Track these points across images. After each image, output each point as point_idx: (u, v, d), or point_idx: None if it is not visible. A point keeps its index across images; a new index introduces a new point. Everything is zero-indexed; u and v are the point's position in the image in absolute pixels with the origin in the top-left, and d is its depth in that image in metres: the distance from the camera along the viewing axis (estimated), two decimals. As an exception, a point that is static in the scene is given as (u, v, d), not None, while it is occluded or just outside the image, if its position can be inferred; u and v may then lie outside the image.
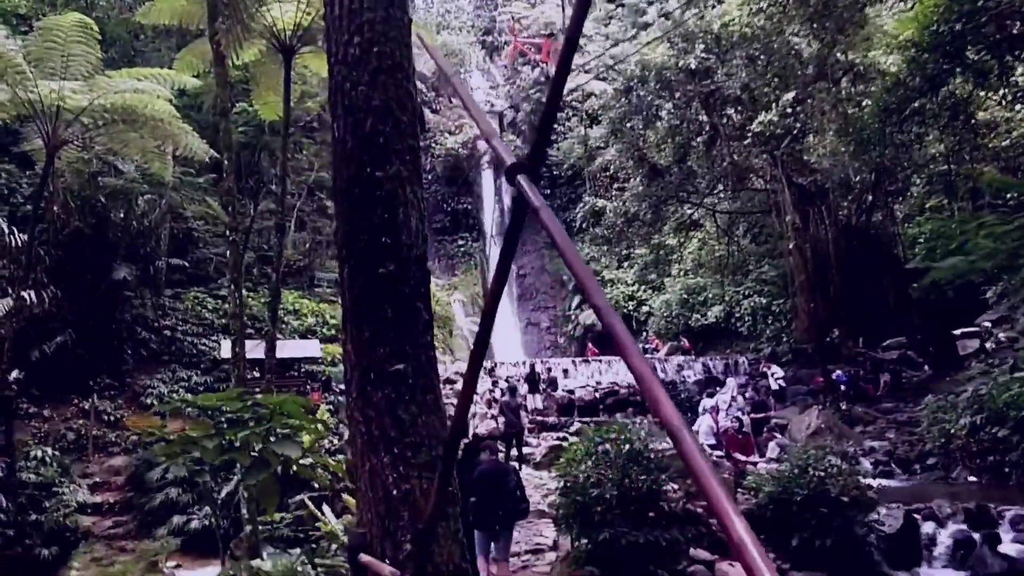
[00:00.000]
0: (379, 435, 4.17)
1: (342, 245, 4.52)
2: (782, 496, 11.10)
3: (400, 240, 4.40)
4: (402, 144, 4.52)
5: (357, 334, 4.33)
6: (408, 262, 4.41)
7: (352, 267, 4.41)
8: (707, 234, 34.75)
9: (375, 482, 4.15)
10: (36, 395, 20.00)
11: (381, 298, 4.32)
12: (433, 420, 4.31)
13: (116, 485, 18.59)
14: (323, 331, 26.07)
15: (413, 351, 4.32)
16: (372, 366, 4.23)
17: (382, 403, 4.19)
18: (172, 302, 24.84)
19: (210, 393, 10.64)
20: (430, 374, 4.42)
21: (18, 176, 23.69)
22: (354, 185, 4.44)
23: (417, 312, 4.42)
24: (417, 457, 4.16)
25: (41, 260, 20.28)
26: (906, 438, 19.68)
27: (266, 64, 18.29)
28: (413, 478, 4.10)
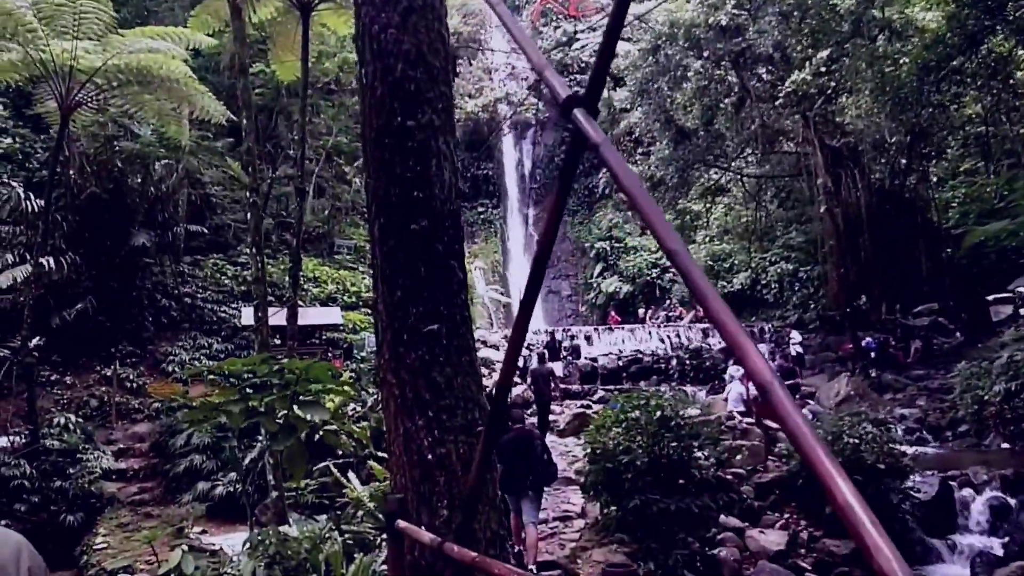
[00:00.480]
0: (413, 398, 4.00)
1: (372, 200, 4.25)
2: (814, 464, 10.73)
3: (433, 194, 4.13)
4: (434, 91, 4.22)
5: (389, 293, 4.10)
6: (441, 217, 4.16)
7: (383, 223, 4.15)
8: (733, 199, 34.04)
9: (409, 446, 3.98)
10: (58, 362, 19.94)
11: (413, 256, 4.07)
12: (468, 382, 4.13)
13: (140, 451, 18.52)
14: (344, 299, 25.85)
15: (447, 311, 4.10)
16: (405, 327, 4.04)
17: (416, 365, 4.00)
18: (191, 269, 24.68)
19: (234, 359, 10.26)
20: (465, 335, 4.22)
21: (33, 140, 23.45)
22: (384, 135, 4.13)
23: (451, 270, 4.19)
24: (453, 420, 4.00)
25: (59, 226, 20.10)
26: (937, 405, 19.34)
27: (283, 22, 17.81)
28: (449, 442, 3.96)
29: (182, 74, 17.93)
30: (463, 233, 4.34)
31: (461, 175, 26.90)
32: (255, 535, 7.52)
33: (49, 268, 18.68)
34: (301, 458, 7.10)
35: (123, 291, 21.44)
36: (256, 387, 7.15)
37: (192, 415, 7.33)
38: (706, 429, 10.57)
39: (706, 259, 35.86)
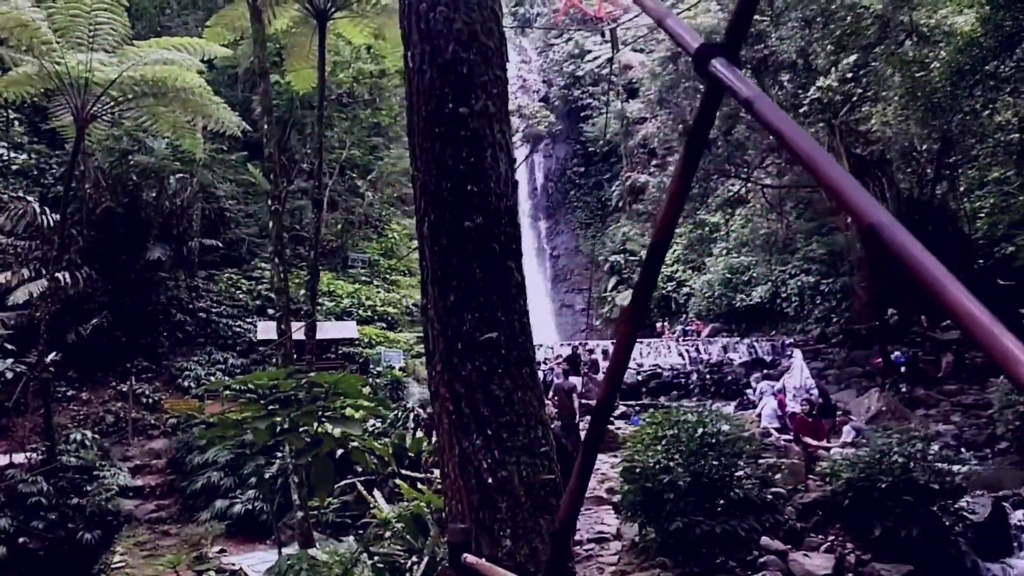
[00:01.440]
0: (470, 414, 3.60)
1: (420, 195, 3.85)
2: (862, 483, 10.27)
3: (488, 188, 3.75)
4: (488, 74, 3.84)
5: (441, 297, 3.71)
6: (498, 214, 3.77)
7: (434, 220, 3.76)
8: (752, 211, 33.48)
9: (467, 468, 3.58)
10: (73, 378, 19.69)
11: (468, 256, 3.68)
12: (530, 397, 3.72)
13: (157, 468, 18.18)
14: (359, 312, 25.50)
15: (505, 317, 3.70)
16: (460, 334, 3.65)
17: (472, 377, 3.61)
18: (206, 283, 24.42)
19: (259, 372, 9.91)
20: (525, 344, 3.81)
21: (48, 156, 23.32)
22: (434, 123, 3.75)
23: (508, 272, 3.80)
24: (514, 439, 3.59)
25: (74, 240, 19.91)
26: (973, 421, 18.80)
27: (298, 32, 17.61)
28: (510, 464, 3.56)
29: (197, 85, 17.72)
30: (519, 230, 3.96)
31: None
32: (284, 559, 7.12)
33: (65, 283, 18.49)
34: (328, 476, 6.72)
35: (138, 306, 21.19)
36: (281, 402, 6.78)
37: (215, 432, 6.91)
38: (747, 447, 10.11)
39: (724, 272, 35.12)
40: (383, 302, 26.61)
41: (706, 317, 34.85)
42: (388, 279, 29.99)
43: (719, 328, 33.54)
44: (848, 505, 10.33)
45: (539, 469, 3.57)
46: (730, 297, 34.18)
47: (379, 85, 26.31)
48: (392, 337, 24.95)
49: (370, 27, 18.13)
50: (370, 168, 29.64)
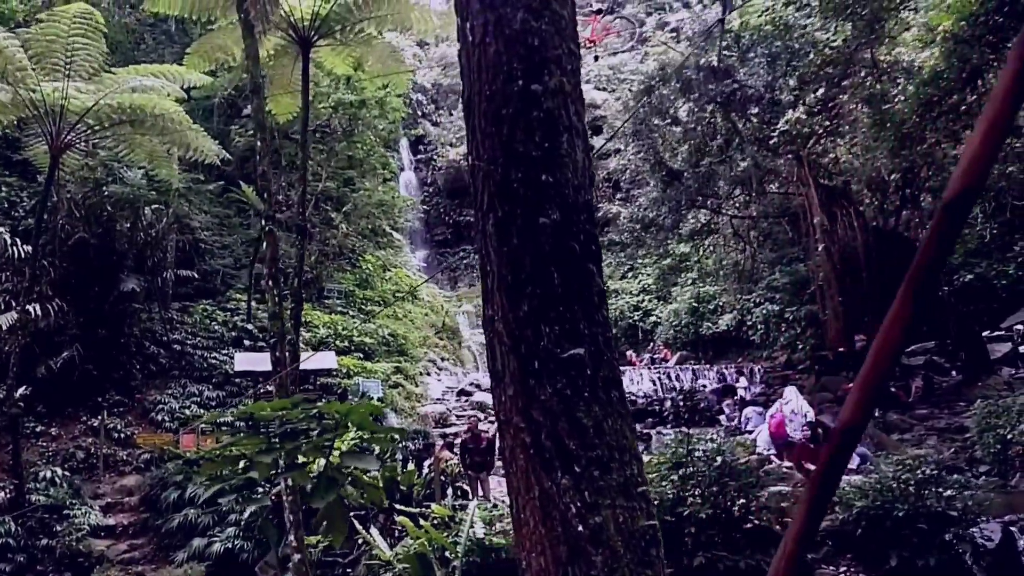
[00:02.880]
0: (553, 447, 3.07)
1: (482, 187, 3.41)
2: (875, 511, 10.06)
3: (565, 178, 3.33)
4: (562, 47, 3.45)
5: (511, 307, 3.23)
6: (575, 208, 3.34)
7: (502, 216, 3.30)
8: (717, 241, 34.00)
9: (551, 513, 3.05)
10: (43, 412, 18.90)
11: (544, 257, 3.22)
12: (622, 426, 3.22)
13: (130, 506, 17.47)
14: (336, 343, 25.07)
15: (589, 330, 3.22)
16: (536, 351, 3.14)
17: (554, 402, 3.10)
18: (180, 315, 23.80)
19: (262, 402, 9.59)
20: (611, 362, 3.30)
21: (19, 189, 22.72)
22: (501, 104, 3.35)
23: (590, 276, 3.33)
24: (607, 478, 3.08)
25: (46, 272, 19.27)
26: (950, 445, 18.86)
27: (280, 60, 17.42)
28: (605, 507, 3.04)
29: (176, 113, 17.44)
30: (596, 229, 3.53)
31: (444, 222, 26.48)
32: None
33: (35, 315, 17.86)
34: (342, 517, 6.37)
35: (111, 338, 20.52)
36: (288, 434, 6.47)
37: (211, 468, 6.51)
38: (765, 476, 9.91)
39: (691, 301, 35.84)
40: (360, 332, 26.22)
41: (673, 345, 35.22)
42: (364, 309, 29.62)
43: (687, 356, 33.97)
44: (861, 535, 10.06)
45: (637, 513, 3.10)
46: (697, 325, 34.91)
47: (357, 116, 26.15)
48: (370, 367, 24.52)
49: (352, 56, 18.04)
50: (344, 200, 29.41)
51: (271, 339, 10.29)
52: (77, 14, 15.91)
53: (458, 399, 26.37)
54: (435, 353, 31.53)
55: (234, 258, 27.43)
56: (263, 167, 10.69)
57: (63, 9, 16.23)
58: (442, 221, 48.64)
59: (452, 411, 24.58)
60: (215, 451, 14.72)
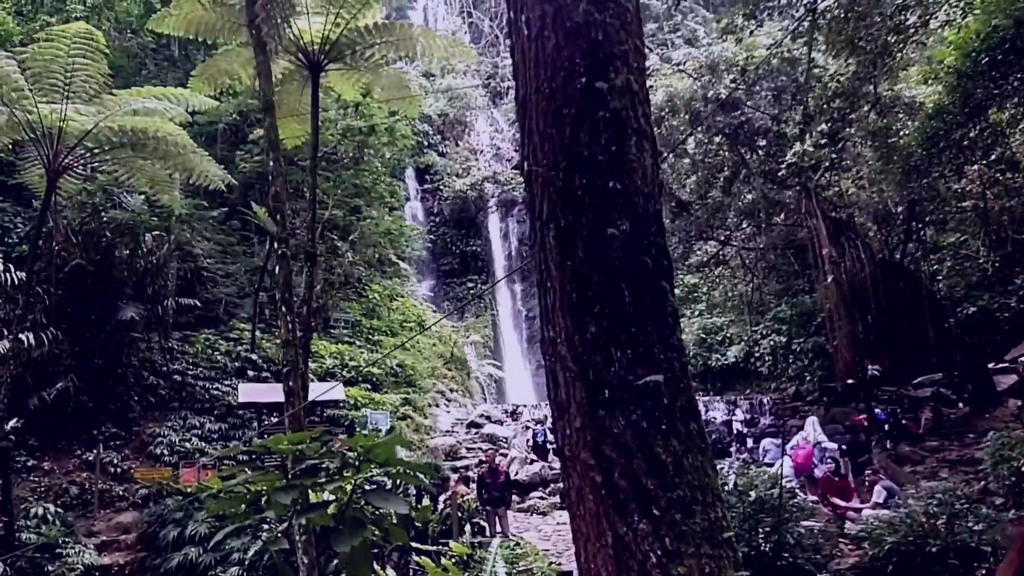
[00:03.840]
0: (627, 487, 2.68)
1: (541, 194, 3.06)
2: (907, 547, 9.60)
3: (634, 185, 2.96)
4: (628, 43, 3.11)
5: (576, 328, 2.86)
6: (645, 218, 2.97)
7: (565, 227, 2.95)
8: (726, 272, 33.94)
9: (626, 563, 2.64)
10: (35, 446, 18.28)
11: (613, 273, 2.86)
12: (702, 462, 2.82)
13: (126, 544, 16.78)
14: (342, 373, 24.53)
15: (664, 355, 2.83)
16: (606, 378, 2.77)
17: (628, 436, 2.72)
18: (181, 345, 23.27)
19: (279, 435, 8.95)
20: (689, 390, 2.92)
21: (13, 215, 22.33)
22: (562, 103, 3.01)
23: (663, 294, 2.94)
24: (690, 521, 2.67)
25: (40, 299, 18.81)
26: (963, 478, 18.56)
27: (287, 85, 17.09)
28: (688, 556, 2.62)
29: (179, 136, 17.06)
30: (666, 242, 3.14)
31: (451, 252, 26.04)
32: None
33: (29, 344, 17.34)
34: (368, 562, 5.77)
35: (108, 369, 19.98)
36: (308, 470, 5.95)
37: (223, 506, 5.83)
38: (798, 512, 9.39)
39: (699, 332, 35.79)
40: (368, 363, 25.69)
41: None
42: (371, 339, 29.15)
43: (695, 387, 33.43)
44: (892, 571, 9.63)
45: (724, 563, 2.69)
46: (705, 357, 34.91)
47: (366, 143, 25.84)
48: (378, 399, 23.99)
49: (362, 82, 17.75)
50: (351, 229, 29.05)
51: (284, 368, 9.76)
52: (77, 34, 15.53)
53: (468, 431, 25.87)
54: (443, 384, 31.03)
55: (237, 287, 26.98)
56: (276, 187, 10.24)
57: (63, 28, 15.86)
58: (448, 251, 48.38)
59: (462, 443, 24.06)
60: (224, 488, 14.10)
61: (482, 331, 40.81)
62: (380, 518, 6.30)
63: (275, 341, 24.63)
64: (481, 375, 36.94)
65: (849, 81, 21.60)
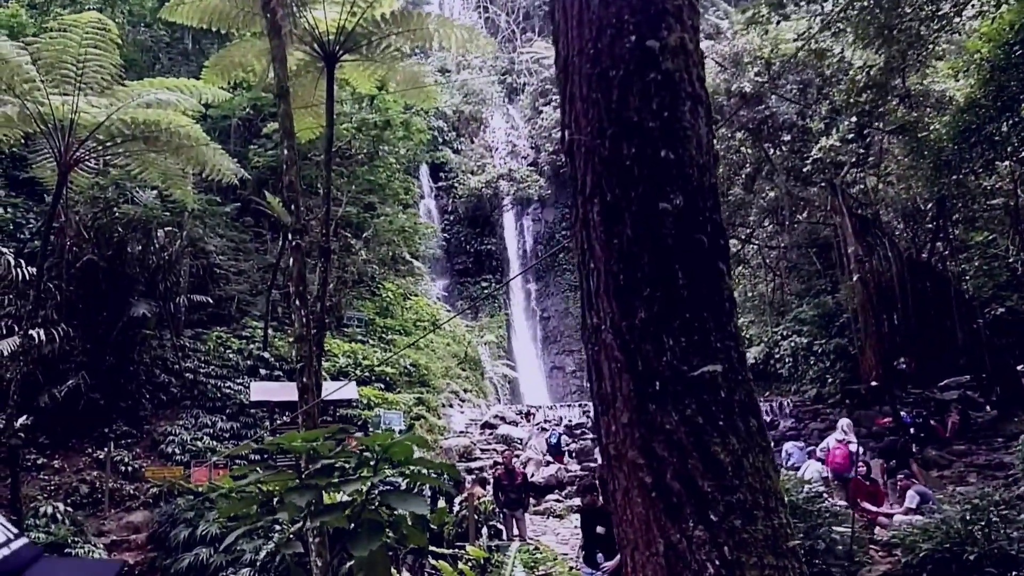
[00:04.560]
0: (681, 489, 2.38)
1: (585, 164, 2.73)
2: (942, 554, 9.18)
3: (689, 155, 2.60)
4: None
5: (625, 314, 2.54)
6: (701, 192, 2.62)
7: (611, 201, 2.61)
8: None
9: (678, 573, 2.34)
10: (45, 444, 18.06)
11: (666, 252, 2.52)
12: (764, 463, 2.52)
13: (137, 544, 16.51)
14: (355, 372, 24.23)
15: (721, 343, 2.51)
16: (657, 368, 2.46)
17: (682, 433, 2.41)
18: (193, 342, 23.01)
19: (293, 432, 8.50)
20: (748, 383, 2.58)
21: (25, 210, 22.12)
22: (609, 64, 2.66)
23: (719, 276, 2.61)
24: (751, 528, 2.37)
25: (51, 296, 18.60)
26: (991, 483, 18.16)
27: (300, 78, 16.76)
28: (750, 567, 2.32)
29: (192, 129, 16.77)
30: (723, 221, 2.78)
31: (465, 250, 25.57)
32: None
33: (39, 341, 17.16)
34: (385, 566, 5.35)
35: (119, 366, 19.73)
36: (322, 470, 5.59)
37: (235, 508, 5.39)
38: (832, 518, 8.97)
39: (718, 333, 35.21)
40: (380, 362, 25.37)
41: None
42: (384, 339, 28.83)
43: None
44: (928, 581, 9.20)
45: (788, 575, 2.41)
46: None
47: (381, 138, 25.51)
48: (391, 399, 23.69)
49: (377, 74, 17.40)
50: (364, 226, 28.73)
51: (298, 364, 9.43)
52: (90, 23, 15.22)
53: (482, 432, 25.54)
54: (457, 384, 30.68)
55: (250, 284, 26.72)
56: (290, 177, 9.91)
57: (75, 18, 15.55)
58: (463, 250, 48.09)
59: (476, 444, 23.74)
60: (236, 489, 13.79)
61: (496, 331, 40.51)
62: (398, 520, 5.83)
63: (288, 339, 24.36)
64: (495, 375, 36.59)
65: (878, 74, 21.11)
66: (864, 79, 21.48)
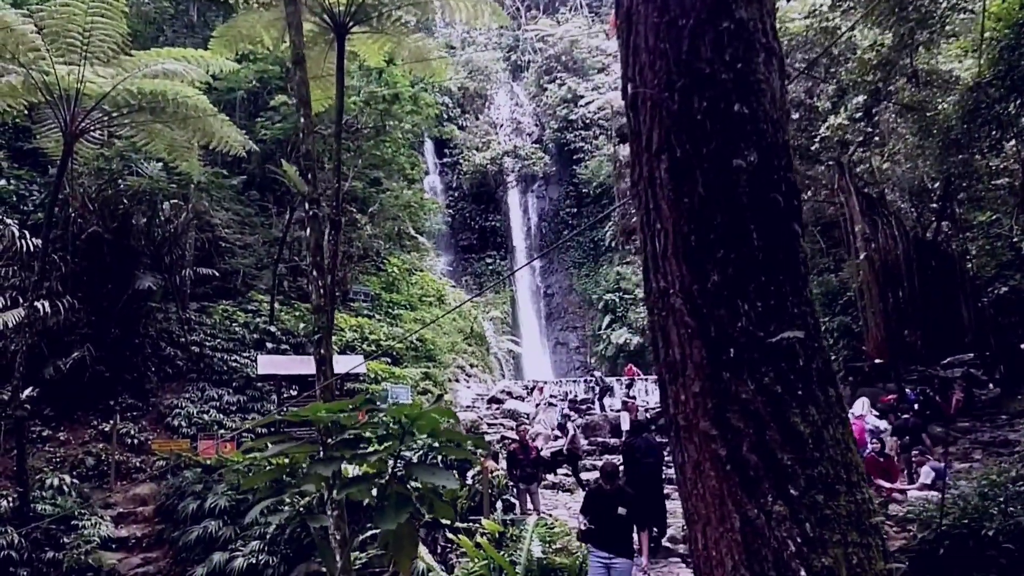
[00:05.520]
0: (759, 462, 2.27)
1: (651, 120, 2.56)
2: (959, 530, 9.12)
3: (763, 110, 2.48)
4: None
5: (696, 277, 2.43)
6: (776, 149, 2.49)
7: (681, 157, 2.47)
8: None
9: (758, 552, 2.22)
10: (50, 416, 17.99)
11: (740, 212, 2.40)
12: (844, 435, 2.41)
13: (143, 516, 16.48)
14: (362, 347, 24.15)
15: (798, 308, 2.42)
16: (732, 334, 2.36)
17: (759, 402, 2.29)
18: (199, 316, 22.88)
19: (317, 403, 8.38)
20: (824, 351, 2.48)
21: (29, 182, 21.91)
22: (679, 11, 2.51)
23: (795, 239, 2.48)
24: (833, 503, 2.26)
25: (56, 267, 18.46)
26: (995, 460, 18.23)
27: (311, 48, 16.52)
28: (834, 544, 2.20)
29: (198, 100, 16.55)
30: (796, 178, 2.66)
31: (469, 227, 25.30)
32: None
33: (44, 313, 17.08)
34: (412, 541, 5.23)
35: (124, 339, 19.60)
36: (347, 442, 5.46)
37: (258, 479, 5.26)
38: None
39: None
40: (387, 337, 25.29)
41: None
42: (391, 314, 28.76)
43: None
44: (944, 555, 9.13)
45: (873, 554, 2.30)
46: None
47: (389, 111, 25.23)
48: (398, 373, 23.63)
49: (387, 46, 17.17)
50: (370, 201, 28.54)
51: (315, 335, 9.34)
52: (97, -9, 14.99)
53: (489, 407, 25.51)
54: (463, 359, 30.66)
55: (256, 258, 26.56)
56: (306, 145, 9.73)
57: (81, -15, 15.29)
58: (467, 226, 47.96)
59: (483, 419, 23.74)
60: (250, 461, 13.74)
61: (501, 307, 40.47)
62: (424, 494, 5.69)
63: (294, 314, 24.25)
64: (500, 351, 36.55)
65: (888, 52, 20.85)
66: (873, 56, 21.26)
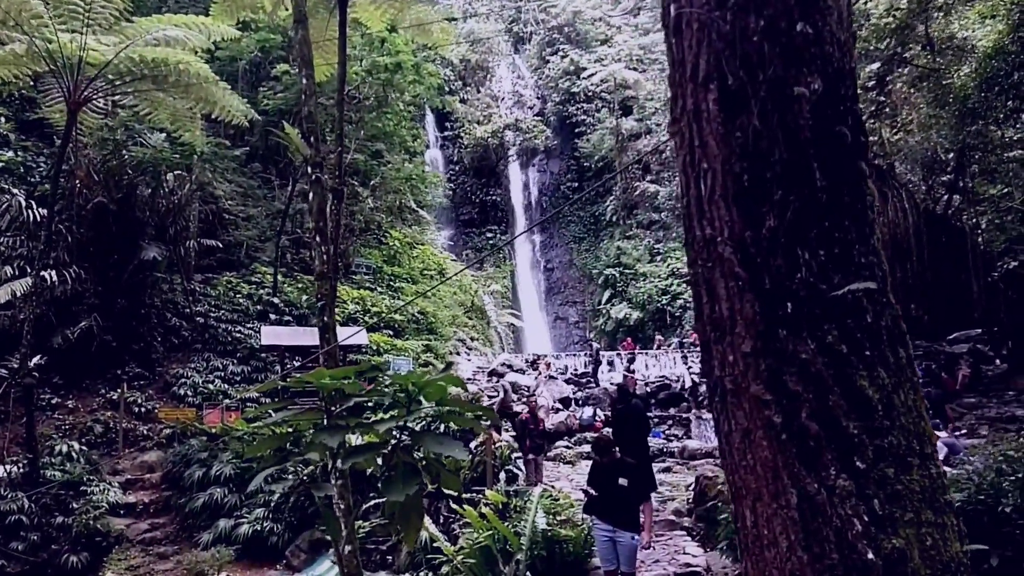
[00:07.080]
0: (820, 431, 2.03)
1: (698, 43, 2.32)
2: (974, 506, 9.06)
3: (829, 31, 2.25)
4: None
5: (745, 222, 2.18)
6: (841, 76, 2.26)
7: (733, 86, 2.23)
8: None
9: (817, 531, 2.00)
10: (59, 384, 18.02)
11: (801, 148, 2.14)
12: (915, 400, 2.16)
13: (151, 483, 16.54)
14: (364, 319, 24.13)
15: (865, 258, 2.18)
16: (789, 287, 2.10)
17: (820, 364, 2.05)
18: (203, 287, 22.88)
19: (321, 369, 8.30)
20: (893, 306, 2.22)
21: (35, 152, 21.81)
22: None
23: (862, 179, 2.25)
24: (906, 477, 2.04)
25: (62, 237, 18.44)
26: (1003, 435, 18.17)
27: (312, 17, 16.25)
28: (905, 524, 2.00)
29: (201, 68, 16.36)
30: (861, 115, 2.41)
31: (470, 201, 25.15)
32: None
33: (51, 282, 17.06)
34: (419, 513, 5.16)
35: (131, 309, 19.59)
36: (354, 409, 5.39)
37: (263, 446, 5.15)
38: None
39: (722, 284, 35.28)
40: (389, 309, 25.25)
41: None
42: (392, 286, 28.70)
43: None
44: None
45: (948, 535, 2.10)
46: None
47: (391, 82, 24.96)
48: (400, 345, 23.65)
49: (388, 13, 16.91)
50: (371, 174, 28.35)
51: (317, 302, 9.27)
52: (99, -43, 14.81)
53: (489, 379, 25.51)
54: (464, 332, 30.67)
55: (259, 230, 26.46)
56: (308, 108, 9.59)
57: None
58: (468, 200, 47.74)
59: (484, 391, 23.73)
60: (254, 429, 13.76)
61: (501, 281, 40.39)
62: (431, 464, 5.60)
63: (296, 285, 24.16)
64: (500, 324, 36.53)
65: (904, 15, 20.52)
66: (889, 22, 20.93)
